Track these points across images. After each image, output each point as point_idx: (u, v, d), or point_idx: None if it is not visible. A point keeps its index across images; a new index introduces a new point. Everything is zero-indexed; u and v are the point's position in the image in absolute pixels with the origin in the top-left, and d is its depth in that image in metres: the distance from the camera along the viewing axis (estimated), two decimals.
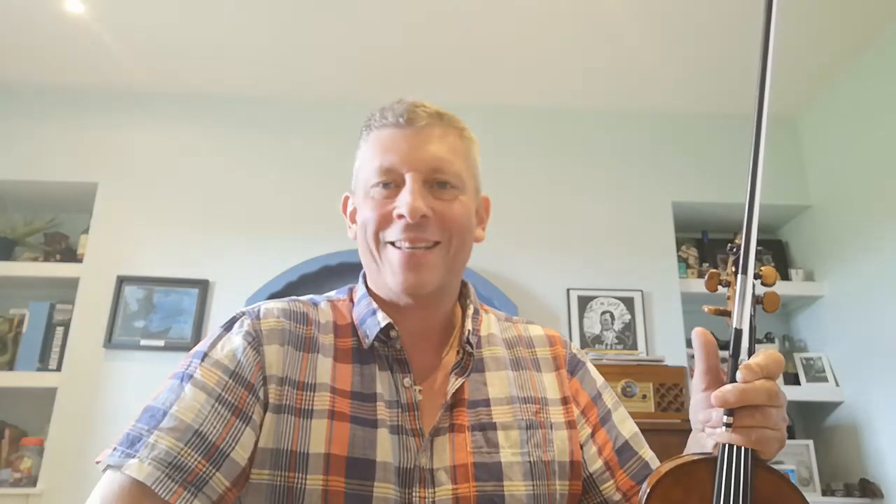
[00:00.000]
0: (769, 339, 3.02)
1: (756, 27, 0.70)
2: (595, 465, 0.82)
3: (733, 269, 0.73)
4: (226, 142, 3.03)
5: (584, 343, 2.77)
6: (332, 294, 0.89)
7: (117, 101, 3.04)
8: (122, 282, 2.76)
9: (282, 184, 2.96)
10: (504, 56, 2.82)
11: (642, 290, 2.86)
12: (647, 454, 0.85)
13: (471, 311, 0.86)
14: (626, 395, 2.38)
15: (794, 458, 2.72)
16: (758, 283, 0.72)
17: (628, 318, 2.82)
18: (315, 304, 0.85)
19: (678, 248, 3.00)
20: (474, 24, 2.63)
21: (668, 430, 2.04)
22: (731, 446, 0.65)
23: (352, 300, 0.87)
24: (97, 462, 0.68)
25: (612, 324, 2.81)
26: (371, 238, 0.80)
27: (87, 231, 2.87)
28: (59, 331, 2.74)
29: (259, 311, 0.80)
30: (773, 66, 0.69)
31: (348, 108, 2.69)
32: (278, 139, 3.05)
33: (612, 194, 3.03)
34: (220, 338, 0.77)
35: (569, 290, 2.85)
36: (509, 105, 3.13)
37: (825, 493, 2.62)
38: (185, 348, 2.51)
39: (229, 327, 0.79)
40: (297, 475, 0.70)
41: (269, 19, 2.61)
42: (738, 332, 0.68)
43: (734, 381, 0.66)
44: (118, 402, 2.58)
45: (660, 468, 0.70)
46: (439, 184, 0.80)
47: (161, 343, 2.69)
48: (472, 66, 2.89)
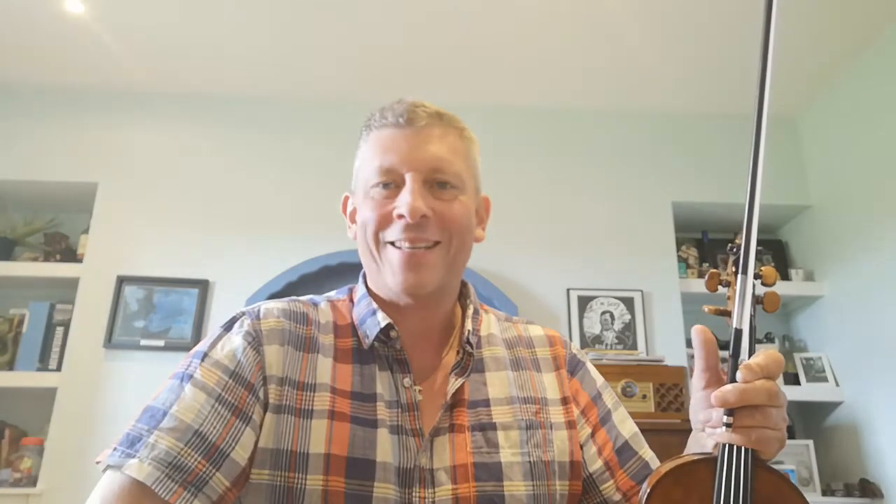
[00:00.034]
0: (769, 339, 3.02)
1: (756, 27, 0.70)
2: (595, 465, 0.82)
3: (733, 269, 0.73)
4: (226, 142, 3.03)
5: (584, 343, 2.77)
6: (332, 294, 0.89)
7: (117, 101, 3.04)
8: (122, 282, 2.76)
9: (282, 184, 2.96)
10: (504, 56, 2.82)
11: (642, 290, 2.86)
12: (647, 454, 0.85)
13: (471, 311, 0.86)
14: (626, 395, 2.38)
15: (794, 458, 2.72)
16: (758, 283, 0.72)
17: (628, 318, 2.82)
18: (315, 305, 0.85)
19: (678, 248, 3.00)
20: (474, 24, 2.63)
21: (668, 430, 2.05)
22: (731, 446, 0.65)
23: (352, 300, 0.87)
24: (97, 462, 0.68)
25: (612, 324, 2.81)
26: (371, 238, 0.80)
27: (87, 231, 2.87)
28: (59, 331, 2.74)
29: (259, 311, 0.80)
30: (773, 66, 0.69)
31: (348, 108, 2.69)
32: (278, 139, 3.05)
33: (612, 194, 3.03)
34: (220, 338, 0.77)
35: (569, 290, 2.85)
36: (509, 105, 3.13)
37: (825, 493, 2.62)
38: (185, 348, 2.51)
39: (229, 327, 0.79)
40: (297, 475, 0.70)
41: (269, 19, 2.61)
42: (739, 332, 0.68)
43: (734, 381, 0.66)
44: (118, 402, 2.58)
45: (660, 468, 0.70)
46: (439, 184, 0.80)
47: (161, 343, 2.69)
48: (472, 66, 2.89)
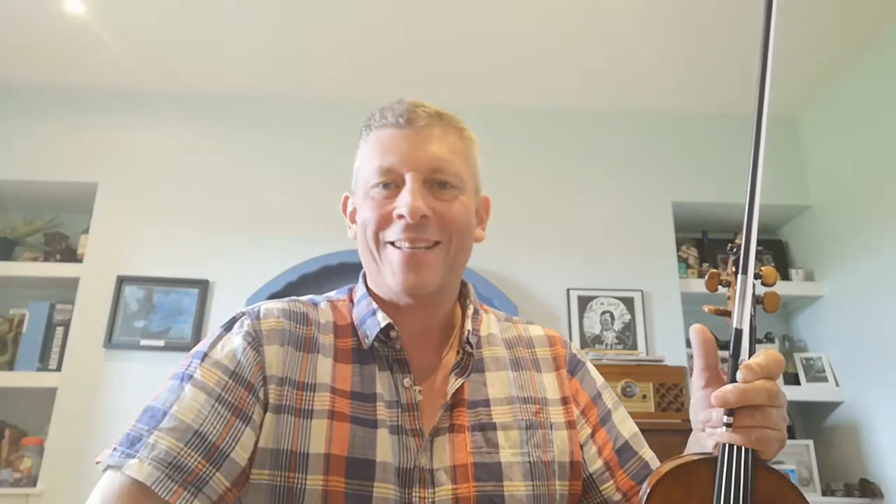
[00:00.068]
0: (769, 339, 3.02)
1: (756, 27, 0.70)
2: (595, 466, 0.82)
3: (733, 269, 0.73)
4: (226, 142, 3.03)
5: (584, 343, 2.77)
6: (331, 294, 0.89)
7: (117, 101, 3.04)
8: (122, 282, 2.76)
9: (282, 184, 2.96)
10: (504, 56, 2.82)
11: (642, 290, 2.86)
12: (647, 454, 0.85)
13: (471, 311, 0.86)
14: (626, 395, 2.38)
15: (794, 458, 2.72)
16: (758, 283, 0.72)
17: (628, 318, 2.82)
18: (315, 305, 0.85)
19: (678, 248, 3.00)
20: (474, 24, 2.63)
21: (668, 430, 2.05)
22: (731, 446, 0.65)
23: (352, 300, 0.87)
24: (97, 462, 0.68)
25: (612, 324, 2.81)
26: (371, 238, 0.80)
27: (87, 231, 2.87)
28: (59, 331, 2.74)
29: (259, 311, 0.80)
30: (773, 65, 0.69)
31: (348, 108, 2.68)
32: (278, 139, 3.05)
33: (612, 194, 3.03)
34: (220, 338, 0.77)
35: (569, 290, 2.85)
36: (509, 105, 3.13)
37: (825, 493, 2.62)
38: (185, 348, 2.51)
39: (229, 327, 0.79)
40: (297, 475, 0.70)
41: (269, 19, 2.61)
42: (739, 332, 0.68)
43: (734, 380, 0.66)
44: (118, 402, 2.58)
45: (660, 468, 0.70)
46: (439, 184, 0.80)
47: (161, 343, 2.69)
48: (472, 66, 2.89)
